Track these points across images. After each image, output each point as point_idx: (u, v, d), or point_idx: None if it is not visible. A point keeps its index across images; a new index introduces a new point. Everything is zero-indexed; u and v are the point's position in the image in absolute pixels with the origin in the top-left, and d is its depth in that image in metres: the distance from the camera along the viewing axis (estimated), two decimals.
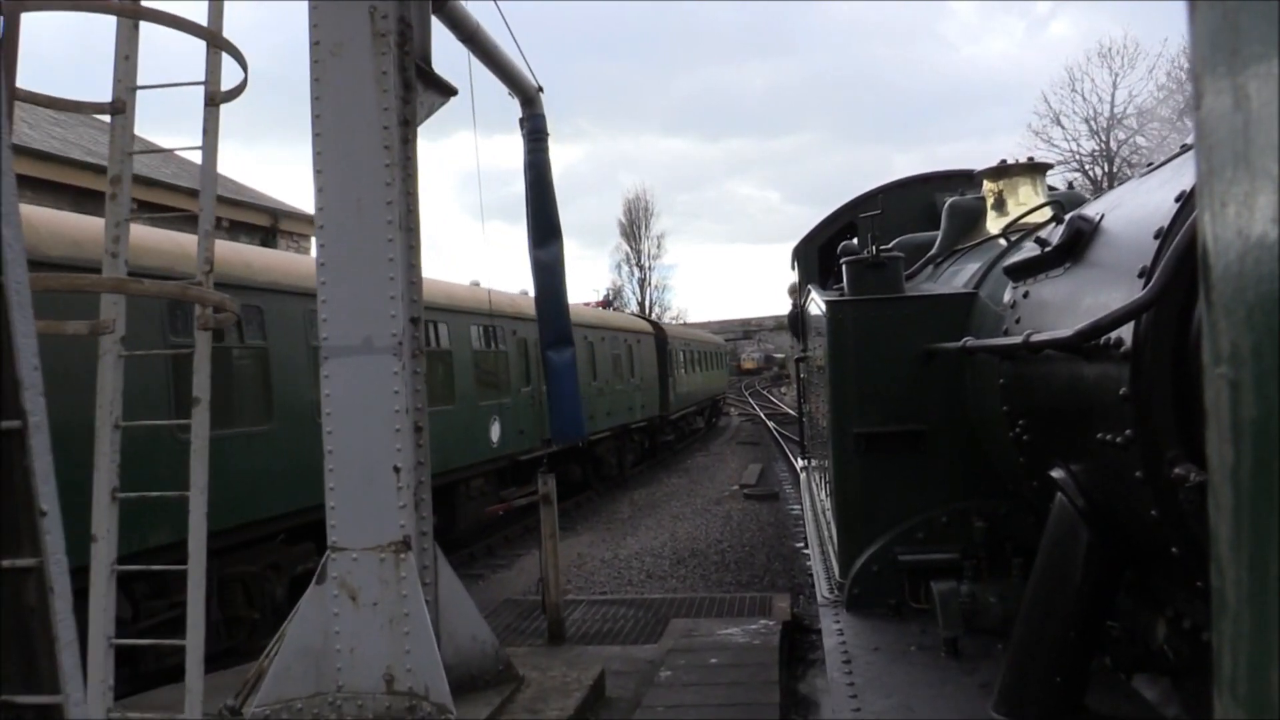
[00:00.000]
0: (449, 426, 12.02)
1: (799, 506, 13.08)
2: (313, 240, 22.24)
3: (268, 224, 19.22)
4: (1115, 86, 32.76)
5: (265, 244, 17.46)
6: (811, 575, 4.30)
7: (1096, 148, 32.92)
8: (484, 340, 14.17)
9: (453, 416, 12.37)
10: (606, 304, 36.11)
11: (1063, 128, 33.50)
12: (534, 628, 7.75)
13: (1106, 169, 31.67)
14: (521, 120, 7.68)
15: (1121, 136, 32.00)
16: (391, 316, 5.11)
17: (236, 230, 17.66)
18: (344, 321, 5.11)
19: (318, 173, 5.18)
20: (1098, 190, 27.37)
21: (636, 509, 17.09)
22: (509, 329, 14.97)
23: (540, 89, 7.70)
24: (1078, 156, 33.00)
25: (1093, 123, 33.01)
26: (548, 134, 7.70)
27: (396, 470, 5.04)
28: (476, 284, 15.58)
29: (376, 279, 5.13)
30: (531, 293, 19.01)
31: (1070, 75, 35.25)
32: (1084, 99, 33.35)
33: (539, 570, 7.77)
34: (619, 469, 21.14)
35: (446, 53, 6.43)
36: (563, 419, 7.68)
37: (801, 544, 12.13)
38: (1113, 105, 32.65)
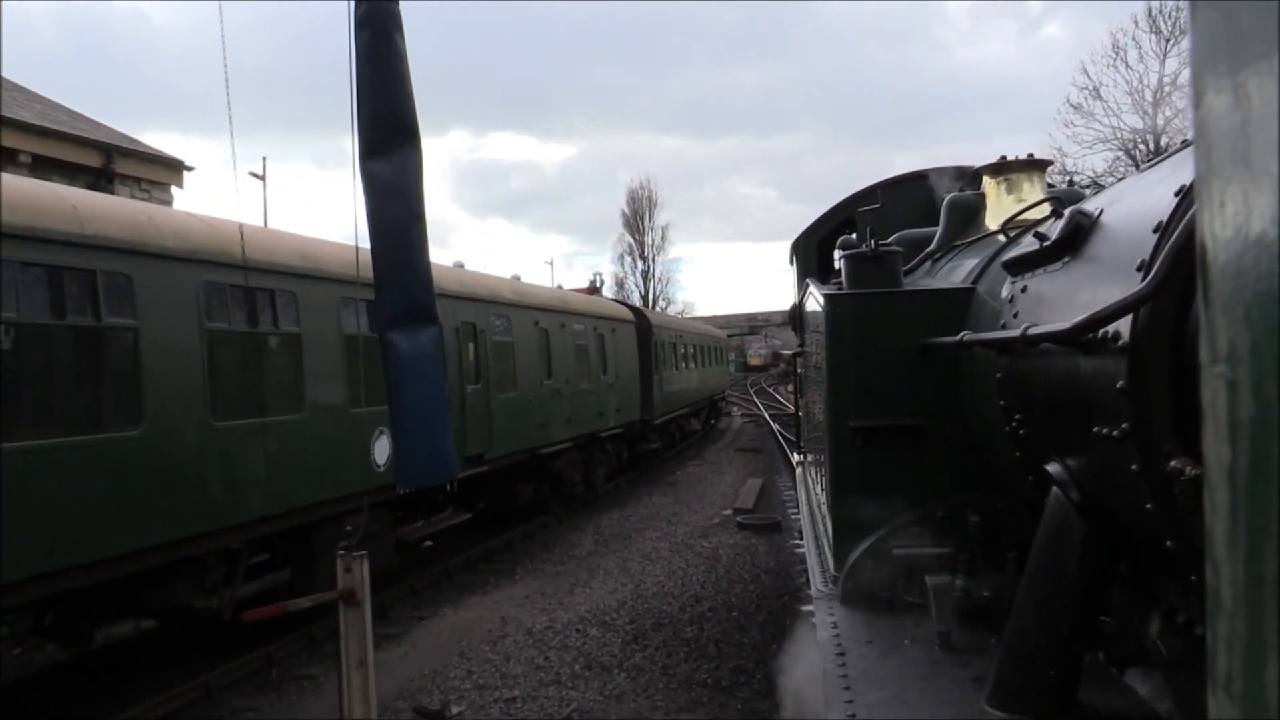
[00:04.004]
0: (296, 445, 8.49)
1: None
2: (174, 190, 17.23)
3: (98, 164, 14.76)
4: (1165, 54, 28.06)
5: (96, 189, 12.37)
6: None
7: (1141, 123, 28.29)
8: (367, 322, 9.16)
9: (303, 431, 8.62)
10: (593, 291, 34.00)
11: (1102, 100, 29.33)
12: None
13: (1153, 144, 27.05)
14: None
15: (1169, 112, 27.34)
16: None
17: (48, 169, 12.49)
18: None
19: None
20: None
21: (601, 542, 13.58)
22: None
23: None
24: (1119, 133, 28.98)
25: (1137, 95, 28.69)
26: None
27: None
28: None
29: None
30: (466, 264, 14.78)
31: (1114, 41, 29.89)
32: (1128, 66, 28.90)
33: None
34: (586, 487, 17.25)
35: None
36: (414, 448, 4.77)
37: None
38: (1161, 75, 28.14)
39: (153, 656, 8.63)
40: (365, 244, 4.82)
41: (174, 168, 17.68)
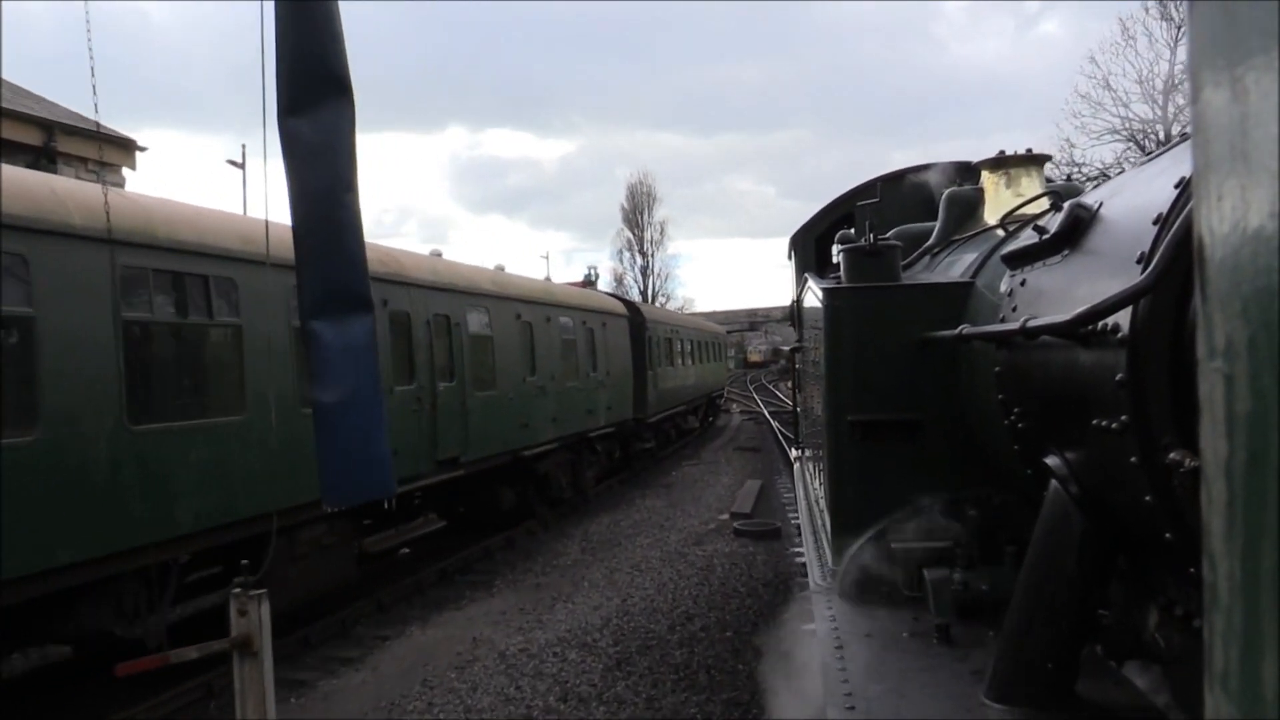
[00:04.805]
0: (237, 449, 7.53)
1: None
2: (125, 172, 15.98)
3: (39, 141, 13.98)
4: (1176, 42, 26.84)
5: (37, 169, 11.03)
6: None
7: (1151, 114, 27.26)
8: None
9: (245, 433, 7.59)
10: (588, 284, 31.88)
11: (1112, 90, 28.27)
12: None
13: (1163, 135, 26.23)
14: None
15: (1181, 101, 26.27)
16: None
17: None
18: None
19: None
20: None
21: (588, 550, 12.65)
22: (375, 295, 9.33)
23: None
24: (1127, 123, 27.94)
25: (1147, 84, 27.56)
26: None
27: None
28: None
29: None
30: (443, 251, 13.70)
31: (1124, 26, 29.07)
32: (1138, 55, 28.90)
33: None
34: (574, 490, 16.33)
35: None
36: (344, 459, 4.11)
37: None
38: (1172, 63, 26.96)
39: (74, 687, 7.65)
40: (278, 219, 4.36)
41: (125, 148, 16.45)
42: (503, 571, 11.80)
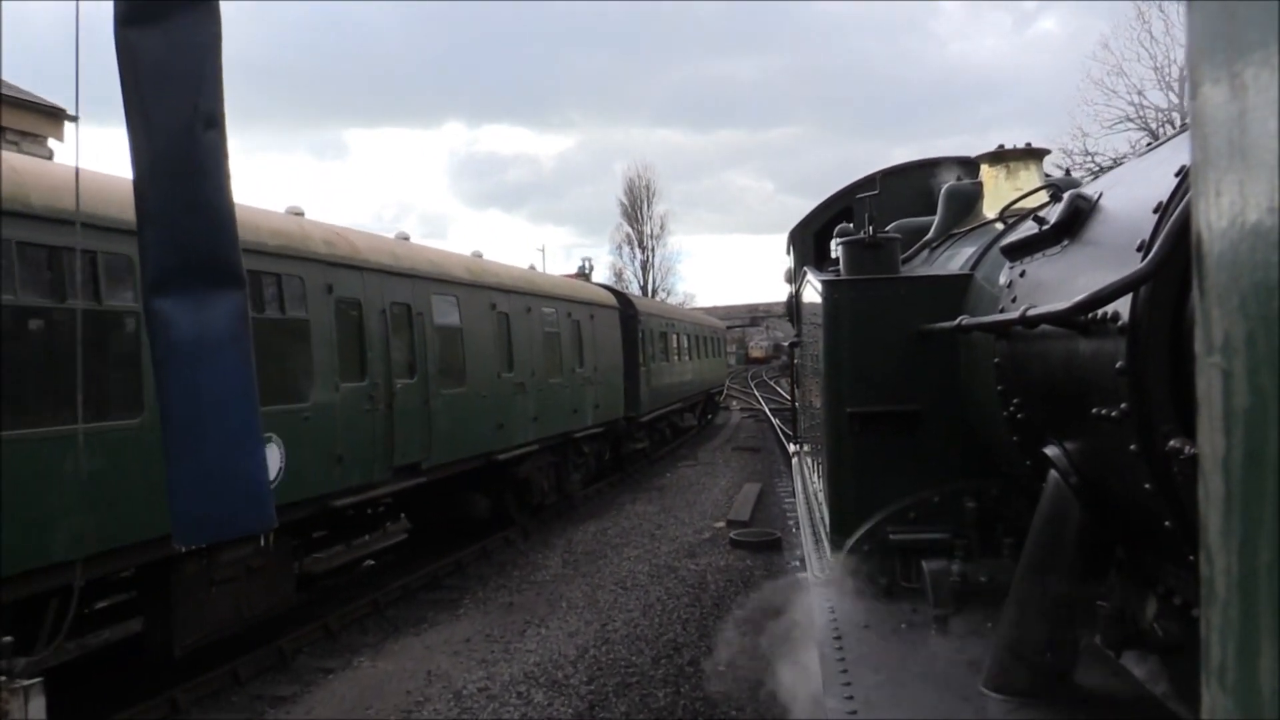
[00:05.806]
0: (133, 459, 6.20)
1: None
2: (51, 144, 14.97)
3: None
4: None
5: None
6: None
7: (1167, 103, 26.67)
8: (252, 295, 5.98)
9: (143, 439, 6.20)
10: (582, 277, 30.60)
11: (1125, 76, 27.63)
12: None
13: (1180, 122, 25.40)
14: None
15: None
16: None
17: None
18: None
19: None
20: None
21: (570, 562, 11.58)
22: (319, 280, 8.63)
23: None
24: (1141, 111, 27.46)
25: (1164, 71, 26.75)
26: None
27: None
28: (301, 213, 9.64)
29: None
30: (408, 238, 12.37)
31: (1139, 10, 29.17)
32: (1153, 38, 27.30)
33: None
34: (559, 494, 15.18)
35: None
36: (201, 483, 3.16)
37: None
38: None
39: None
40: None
41: (53, 116, 15.32)
42: (473, 588, 10.69)
